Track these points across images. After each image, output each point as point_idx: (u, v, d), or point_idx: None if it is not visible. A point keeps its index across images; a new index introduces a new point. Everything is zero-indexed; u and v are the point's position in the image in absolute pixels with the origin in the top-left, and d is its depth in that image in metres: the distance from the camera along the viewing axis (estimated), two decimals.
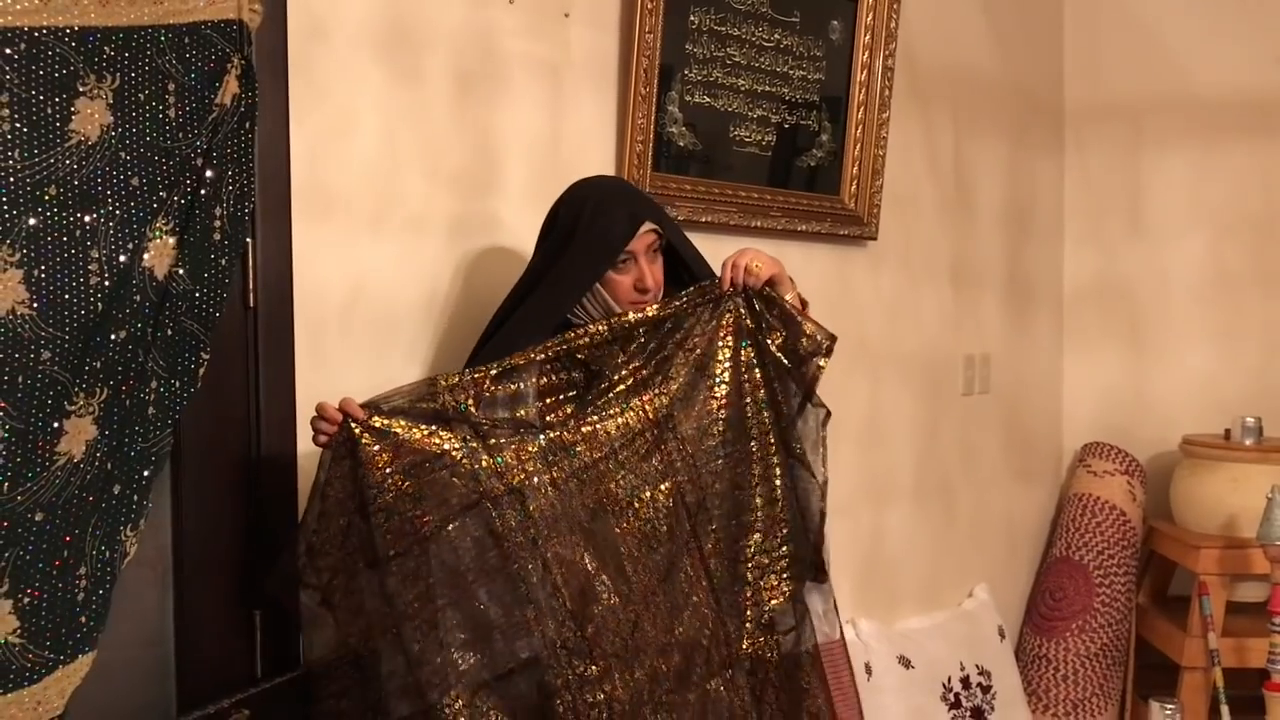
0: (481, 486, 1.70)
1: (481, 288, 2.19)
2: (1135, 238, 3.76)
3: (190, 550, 1.84)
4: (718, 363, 1.85)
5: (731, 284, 1.85)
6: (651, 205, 1.98)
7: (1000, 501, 3.55)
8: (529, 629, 1.70)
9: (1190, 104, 3.68)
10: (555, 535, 1.73)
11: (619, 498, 1.78)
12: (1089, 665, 3.46)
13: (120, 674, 1.80)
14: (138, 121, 1.72)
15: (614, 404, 1.80)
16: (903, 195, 3.12)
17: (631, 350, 1.84)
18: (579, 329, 1.83)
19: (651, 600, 1.77)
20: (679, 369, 1.84)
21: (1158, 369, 3.73)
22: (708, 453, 1.84)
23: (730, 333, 1.86)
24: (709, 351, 1.85)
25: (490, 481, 1.71)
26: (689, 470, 1.82)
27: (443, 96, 2.14)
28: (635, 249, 1.89)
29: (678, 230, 2.02)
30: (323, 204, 1.96)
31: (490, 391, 1.77)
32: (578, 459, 1.76)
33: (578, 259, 1.89)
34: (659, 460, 1.81)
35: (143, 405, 1.73)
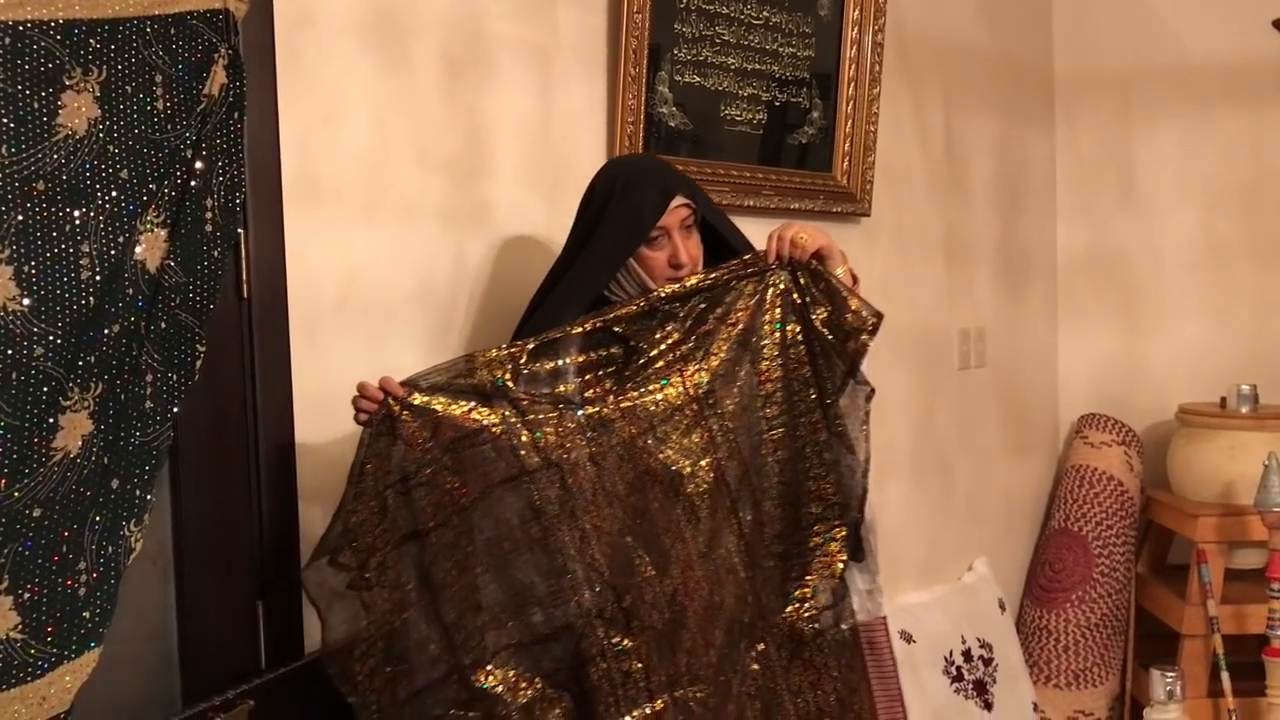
0: (521, 461, 1.72)
1: (476, 273, 2.19)
2: (1127, 209, 3.76)
3: (191, 543, 1.85)
4: (761, 337, 1.84)
5: (777, 257, 1.84)
6: (684, 180, 1.97)
7: (998, 475, 3.56)
8: (565, 598, 1.72)
9: (1180, 73, 3.67)
10: (594, 509, 1.75)
11: (658, 473, 1.78)
12: (1090, 635, 3.47)
13: (125, 669, 1.80)
14: (125, 114, 1.71)
15: (654, 379, 1.80)
16: (895, 171, 3.12)
17: (671, 325, 1.83)
18: (616, 305, 1.83)
19: (690, 574, 1.78)
20: (721, 344, 1.84)
21: (1152, 339, 3.74)
22: (750, 429, 1.84)
23: (774, 307, 1.84)
24: (752, 326, 1.84)
25: (530, 456, 1.72)
26: (730, 446, 1.82)
27: (431, 82, 2.12)
28: (668, 224, 1.88)
29: (714, 206, 2.01)
30: (314, 193, 1.96)
31: (529, 368, 1.78)
32: (617, 434, 1.77)
33: (610, 235, 1.89)
34: (700, 436, 1.81)
35: (139, 399, 1.73)
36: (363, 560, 1.70)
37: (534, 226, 2.30)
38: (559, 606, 1.73)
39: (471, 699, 1.70)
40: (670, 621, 1.76)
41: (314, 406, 1.95)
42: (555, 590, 1.73)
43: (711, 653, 1.78)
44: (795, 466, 1.84)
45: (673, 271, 1.88)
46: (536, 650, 1.73)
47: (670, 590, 1.76)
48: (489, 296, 2.21)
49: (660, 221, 1.87)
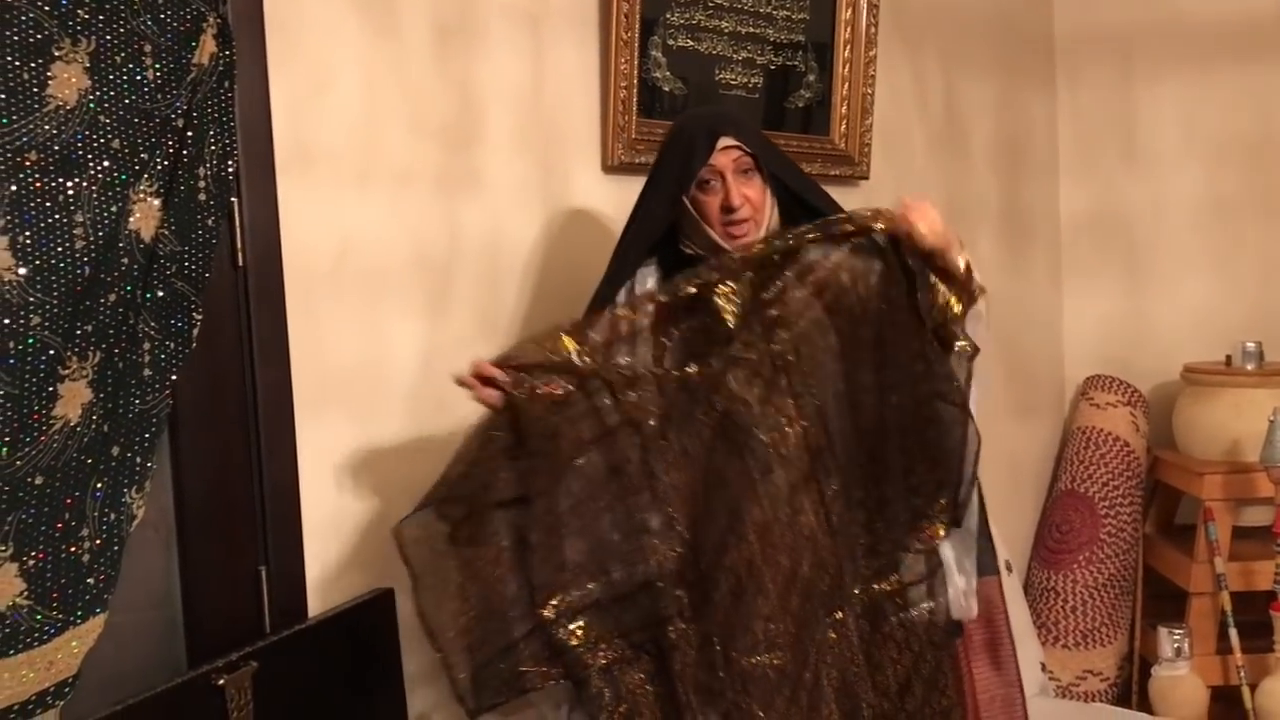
0: (603, 421, 1.74)
1: (471, 239, 2.19)
2: (1130, 168, 3.74)
3: (192, 510, 1.86)
4: (853, 305, 1.77)
5: (891, 236, 1.75)
6: (737, 123, 1.91)
7: (1004, 438, 3.55)
8: (645, 556, 1.73)
9: (1181, 30, 3.64)
10: (676, 471, 1.74)
11: (737, 438, 1.76)
12: (1097, 596, 3.47)
13: (130, 635, 1.82)
14: (116, 84, 1.72)
15: (736, 345, 1.77)
16: (893, 134, 3.11)
17: (755, 287, 1.79)
18: (689, 273, 1.80)
19: (768, 539, 1.74)
20: (806, 308, 1.78)
21: (1156, 299, 3.72)
22: (837, 395, 1.79)
23: (870, 276, 1.77)
24: (843, 292, 1.77)
25: (610, 415, 1.74)
26: (814, 412, 1.77)
27: (422, 49, 2.12)
28: (719, 166, 1.84)
29: (781, 156, 1.96)
30: (306, 160, 1.96)
31: (610, 336, 1.79)
32: (698, 398, 1.76)
33: (663, 180, 1.89)
34: (781, 402, 1.77)
35: (137, 367, 1.74)
36: (465, 514, 1.72)
37: (528, 192, 2.30)
38: (638, 564, 1.73)
39: (554, 655, 1.72)
40: (747, 587, 1.74)
41: (311, 372, 1.96)
42: (635, 548, 1.73)
43: (789, 620, 1.74)
44: (888, 435, 1.79)
45: (727, 217, 1.84)
46: (616, 609, 1.74)
47: (748, 556, 1.74)
48: (484, 263, 2.22)
49: (711, 161, 1.83)
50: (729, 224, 1.85)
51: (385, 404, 2.06)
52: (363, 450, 2.03)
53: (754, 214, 1.85)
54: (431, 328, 2.12)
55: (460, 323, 2.17)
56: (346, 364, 2.01)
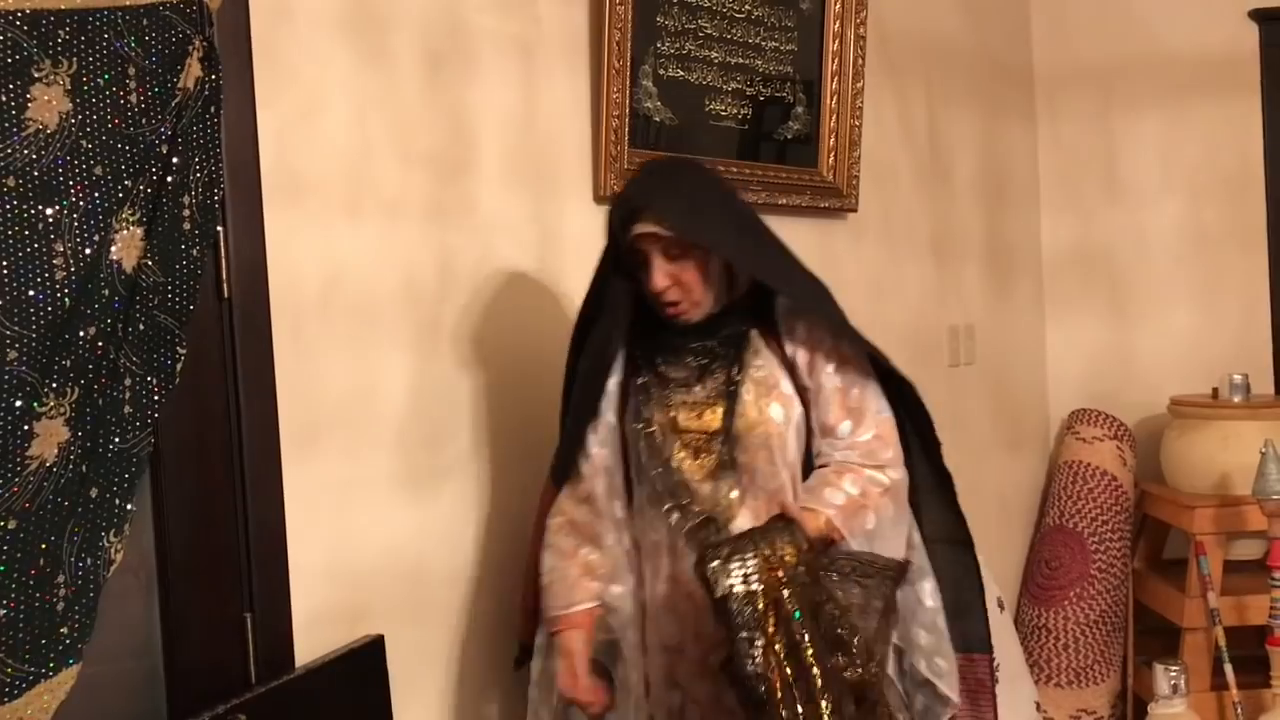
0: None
1: (462, 270, 2.13)
2: (1111, 201, 3.75)
3: (174, 554, 1.78)
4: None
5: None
6: (663, 204, 1.76)
7: (992, 473, 3.53)
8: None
9: (1159, 64, 3.67)
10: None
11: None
12: (1089, 633, 3.43)
13: (107, 687, 1.74)
14: (98, 108, 1.67)
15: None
16: (880, 167, 3.09)
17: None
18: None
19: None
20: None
21: (1140, 332, 3.72)
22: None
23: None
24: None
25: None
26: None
27: (412, 77, 2.07)
28: (644, 250, 1.77)
29: (722, 226, 1.79)
30: (294, 189, 1.90)
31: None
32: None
33: (599, 270, 1.86)
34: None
35: (117, 404, 1.67)
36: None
37: (519, 222, 2.25)
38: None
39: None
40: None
41: (299, 407, 1.89)
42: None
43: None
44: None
45: (658, 299, 1.79)
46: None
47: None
48: (475, 293, 2.16)
49: (636, 245, 1.76)
50: (663, 306, 1.79)
51: (375, 440, 1.99)
52: (352, 488, 1.95)
53: (685, 295, 1.78)
54: (422, 360, 2.06)
55: (451, 355, 2.11)
56: (335, 398, 1.94)
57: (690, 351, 1.84)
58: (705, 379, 1.82)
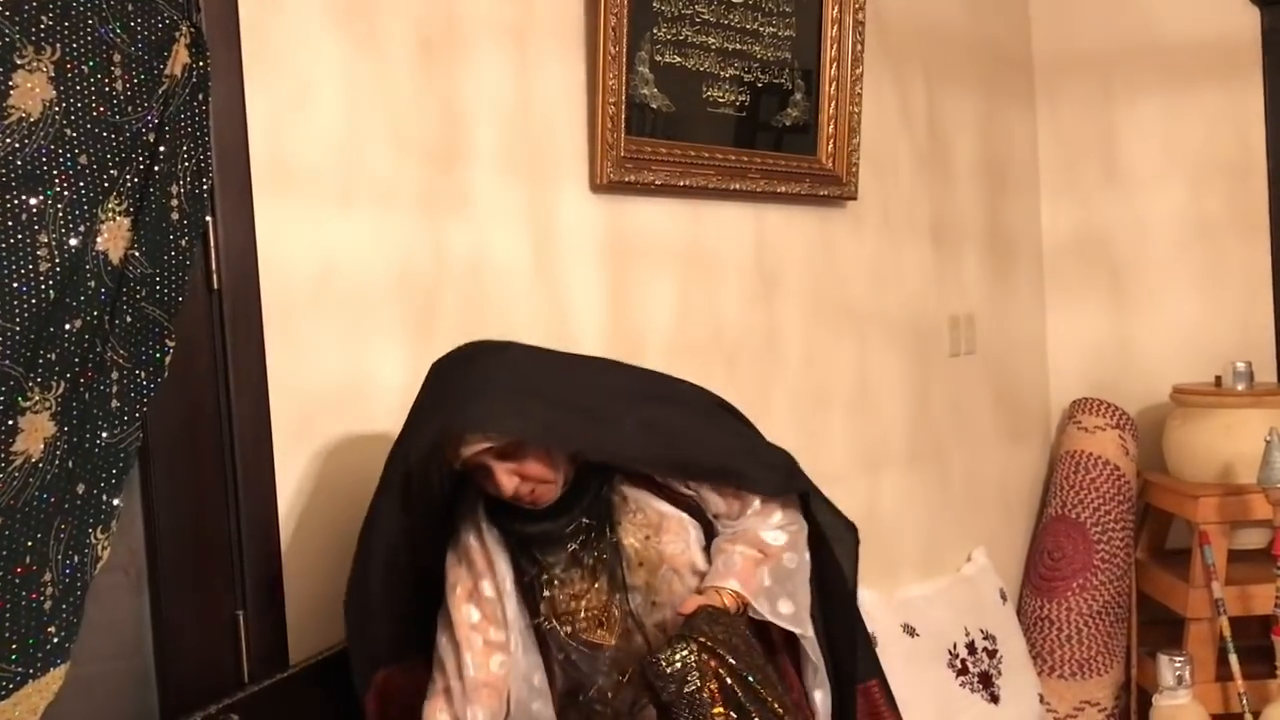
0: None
1: (456, 260, 2.10)
2: (1112, 188, 3.71)
3: (165, 551, 1.76)
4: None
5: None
6: (488, 410, 1.57)
7: (993, 463, 3.50)
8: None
9: (1159, 50, 3.63)
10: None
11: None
12: (1092, 624, 3.40)
13: (97, 687, 1.71)
14: (83, 95, 1.63)
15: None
16: (879, 154, 3.05)
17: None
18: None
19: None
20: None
21: (1142, 320, 3.68)
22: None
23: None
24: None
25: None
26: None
27: (404, 63, 2.04)
28: (479, 463, 1.59)
29: (541, 414, 1.60)
30: (285, 178, 1.87)
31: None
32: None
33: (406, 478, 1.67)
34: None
35: (104, 398, 1.63)
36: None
37: (514, 212, 2.21)
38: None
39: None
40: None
41: (290, 401, 1.86)
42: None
43: None
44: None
45: (517, 500, 1.63)
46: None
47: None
48: (470, 284, 2.13)
49: (471, 465, 1.59)
50: (521, 502, 1.63)
51: (369, 433, 1.95)
52: (346, 483, 1.92)
53: (539, 484, 1.62)
54: (416, 352, 2.01)
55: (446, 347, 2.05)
56: (328, 392, 1.91)
57: (561, 538, 1.70)
58: (583, 557, 1.70)
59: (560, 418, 1.61)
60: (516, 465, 1.59)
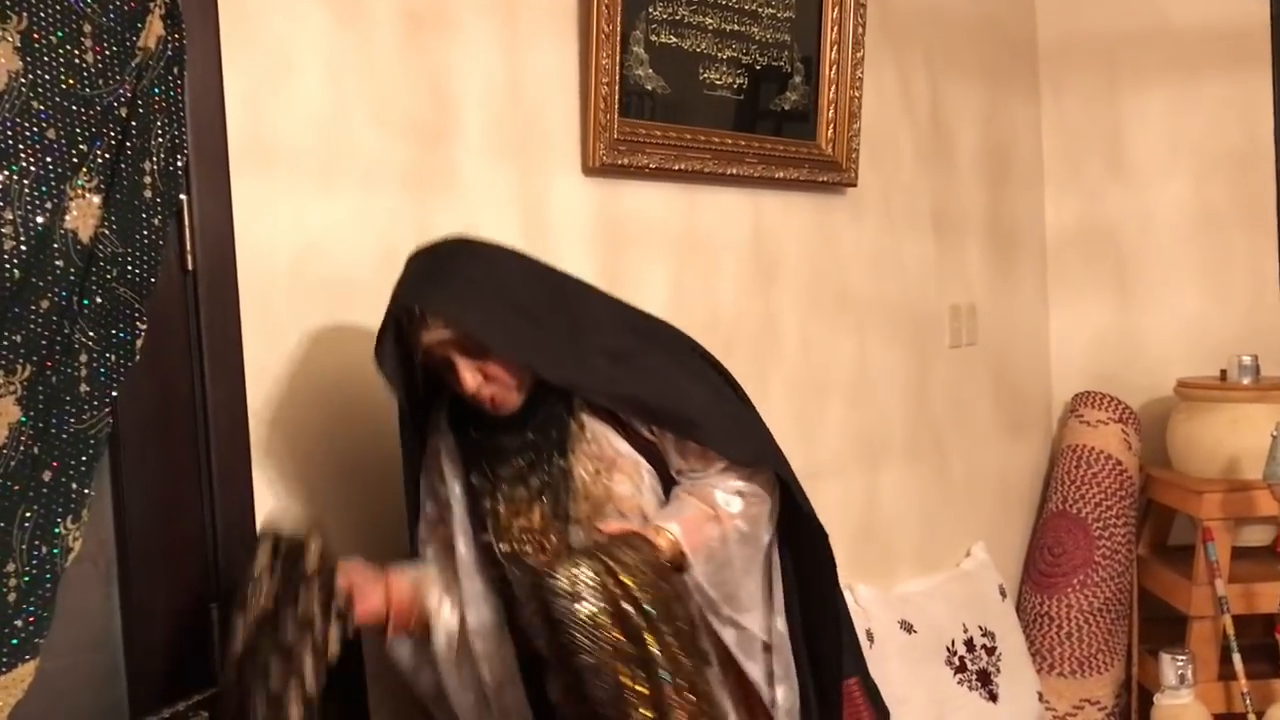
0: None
1: None
2: (1116, 179, 3.65)
3: (136, 541, 1.70)
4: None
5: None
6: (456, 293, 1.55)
7: (993, 456, 3.44)
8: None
9: (1166, 38, 3.57)
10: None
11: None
12: (1093, 621, 3.35)
13: (65, 682, 1.65)
14: (51, 67, 1.57)
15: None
16: (880, 141, 2.99)
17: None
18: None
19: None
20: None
21: (1146, 313, 3.63)
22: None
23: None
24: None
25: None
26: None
27: (390, 38, 1.97)
28: (438, 351, 1.56)
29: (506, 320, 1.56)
30: (264, 156, 1.81)
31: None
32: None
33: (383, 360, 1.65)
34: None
35: (72, 382, 1.58)
36: None
37: (504, 194, 2.15)
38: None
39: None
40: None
41: (269, 388, 1.80)
42: None
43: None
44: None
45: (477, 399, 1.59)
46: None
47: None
48: None
49: (429, 352, 1.57)
50: (480, 402, 1.60)
51: (350, 422, 1.89)
52: (325, 472, 1.86)
53: (501, 388, 1.59)
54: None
55: None
56: (308, 378, 1.85)
57: (512, 451, 1.65)
58: (529, 477, 1.65)
59: (522, 326, 1.57)
60: (480, 364, 1.56)
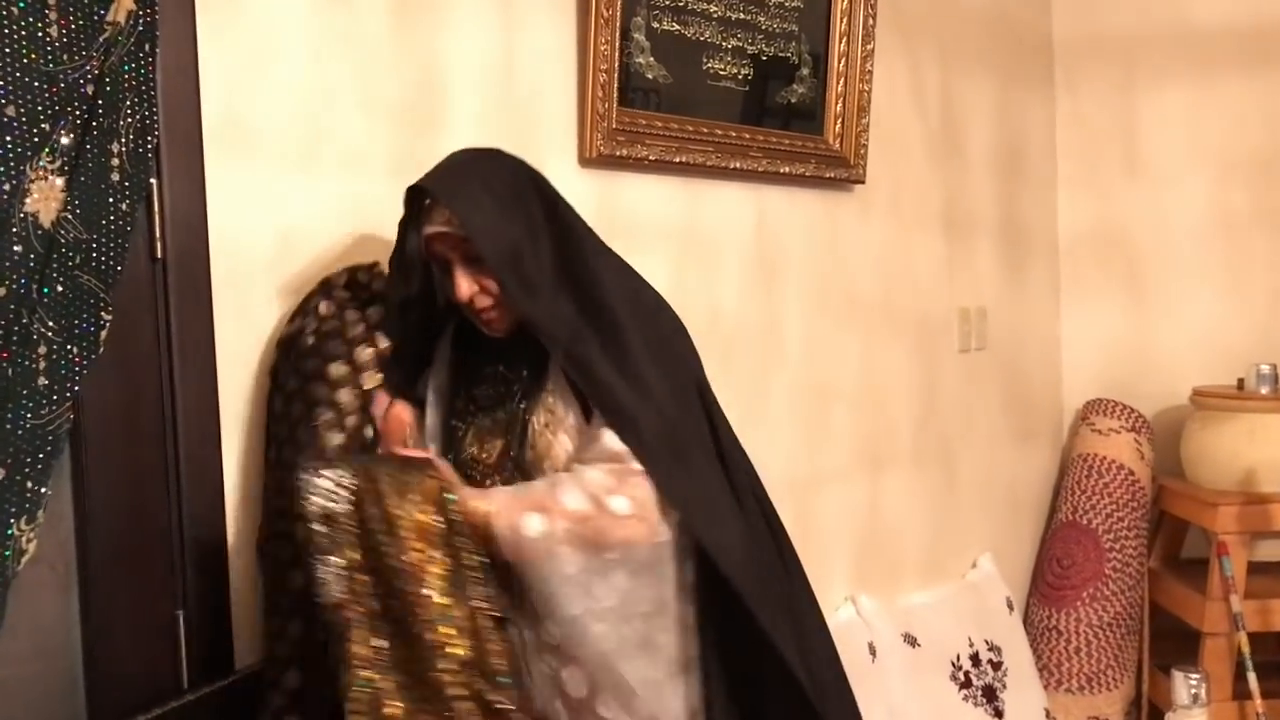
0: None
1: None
2: (1132, 180, 3.54)
3: (98, 544, 1.61)
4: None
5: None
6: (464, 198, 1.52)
7: (1002, 465, 3.34)
8: None
9: (1186, 35, 3.46)
10: None
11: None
12: (1102, 635, 3.25)
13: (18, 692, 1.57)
14: (11, 40, 1.48)
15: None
16: (890, 136, 2.89)
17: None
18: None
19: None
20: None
21: (1161, 319, 3.52)
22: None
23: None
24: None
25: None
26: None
27: (377, 16, 1.88)
28: (439, 253, 1.55)
29: (513, 245, 1.52)
30: (241, 138, 1.72)
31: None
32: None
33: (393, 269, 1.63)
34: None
35: (29, 374, 1.48)
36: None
37: None
38: None
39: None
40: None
41: (243, 384, 1.71)
42: None
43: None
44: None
45: (470, 308, 1.57)
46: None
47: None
48: None
49: (430, 249, 1.54)
50: (473, 313, 1.58)
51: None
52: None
53: (498, 301, 1.55)
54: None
55: None
56: None
57: (487, 378, 1.63)
58: (498, 408, 1.62)
59: (523, 248, 1.54)
60: (476, 274, 1.55)
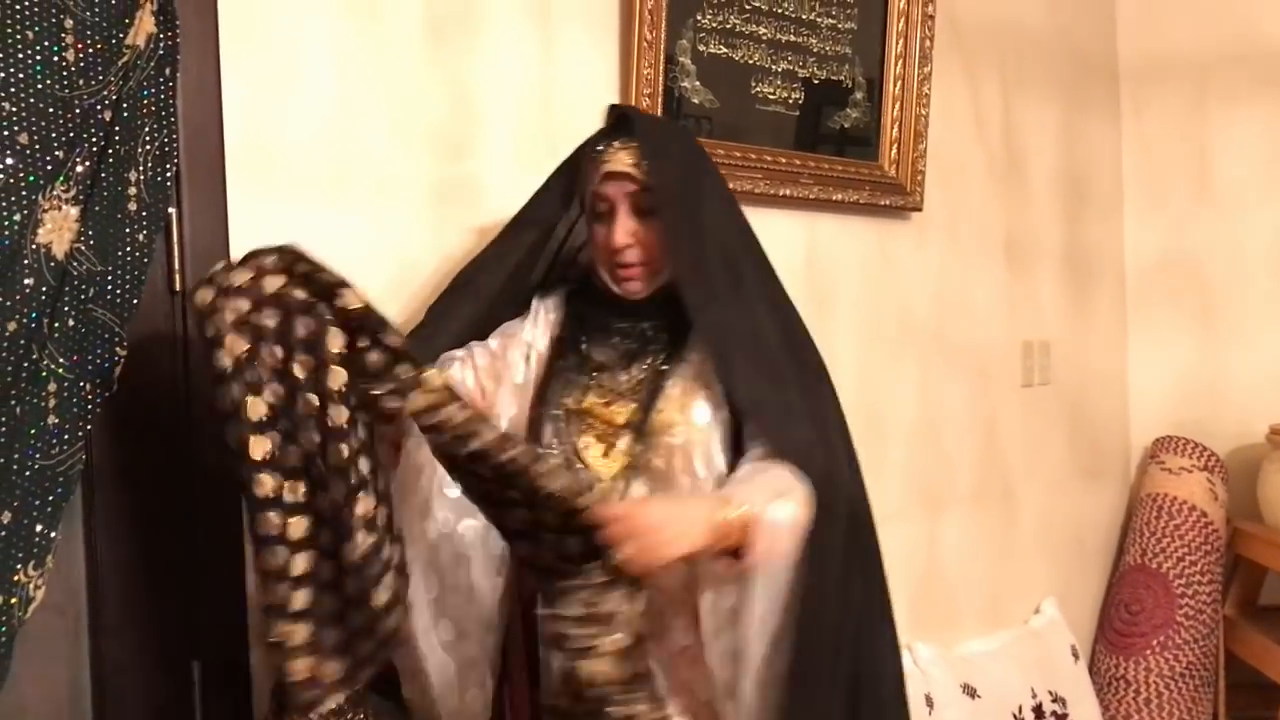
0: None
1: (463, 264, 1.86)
2: (1203, 207, 3.39)
3: (110, 591, 1.55)
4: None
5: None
6: (655, 143, 1.55)
7: (1066, 505, 3.19)
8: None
9: (1259, 55, 3.32)
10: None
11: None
12: (1174, 686, 3.08)
13: None
14: (25, 65, 1.43)
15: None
16: (948, 162, 2.78)
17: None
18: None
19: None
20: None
21: (1234, 353, 3.36)
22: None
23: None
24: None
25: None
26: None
27: (409, 39, 1.82)
28: (609, 194, 1.54)
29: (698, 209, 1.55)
30: (265, 165, 1.66)
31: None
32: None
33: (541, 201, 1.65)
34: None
35: (39, 413, 1.42)
36: None
37: None
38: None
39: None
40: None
41: None
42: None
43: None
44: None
45: (613, 256, 1.54)
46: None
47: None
48: None
49: (599, 186, 1.54)
50: (616, 266, 1.55)
51: None
52: None
53: (647, 259, 1.54)
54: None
55: None
56: None
57: (619, 332, 1.58)
58: (630, 366, 1.56)
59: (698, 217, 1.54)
60: (639, 226, 1.53)
